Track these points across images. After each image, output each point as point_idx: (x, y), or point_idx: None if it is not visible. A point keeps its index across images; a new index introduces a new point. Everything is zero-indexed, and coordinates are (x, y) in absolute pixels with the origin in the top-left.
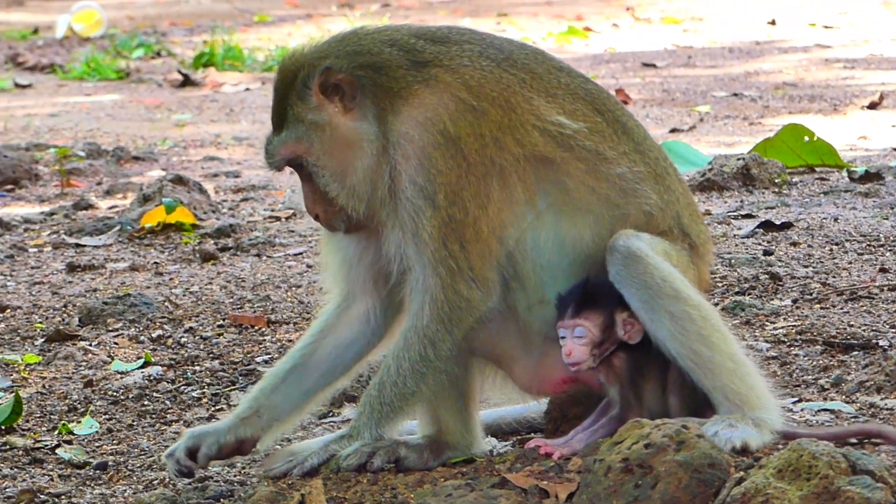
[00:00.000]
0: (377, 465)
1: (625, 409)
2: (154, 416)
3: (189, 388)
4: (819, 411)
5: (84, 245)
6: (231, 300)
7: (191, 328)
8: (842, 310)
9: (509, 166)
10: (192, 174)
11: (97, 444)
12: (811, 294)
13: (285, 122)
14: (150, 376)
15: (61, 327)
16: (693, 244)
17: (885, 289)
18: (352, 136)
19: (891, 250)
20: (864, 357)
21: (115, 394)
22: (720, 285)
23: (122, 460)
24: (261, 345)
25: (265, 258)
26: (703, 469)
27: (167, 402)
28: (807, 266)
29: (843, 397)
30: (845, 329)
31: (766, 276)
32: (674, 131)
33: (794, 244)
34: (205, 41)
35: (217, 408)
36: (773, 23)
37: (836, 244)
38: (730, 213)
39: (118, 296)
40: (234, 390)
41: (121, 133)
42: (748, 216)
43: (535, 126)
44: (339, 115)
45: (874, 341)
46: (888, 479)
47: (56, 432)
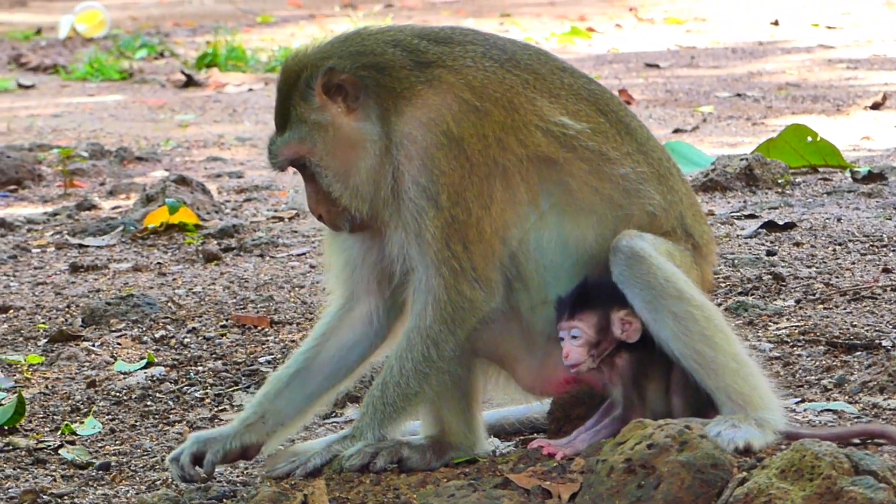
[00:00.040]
0: (380, 466)
1: (628, 409)
2: (157, 416)
3: (192, 389)
4: (822, 412)
5: (87, 245)
6: (234, 300)
7: (194, 328)
8: (845, 310)
9: (512, 167)
10: (196, 175)
11: (100, 445)
12: (814, 294)
13: (288, 122)
14: (153, 377)
15: (64, 328)
16: (696, 244)
17: (888, 289)
18: (355, 136)
19: (894, 250)
20: (867, 357)
21: (117, 394)
22: (723, 285)
23: (124, 461)
24: (264, 345)
25: (268, 258)
26: (706, 469)
27: (170, 403)
28: (810, 266)
29: (846, 398)
30: (848, 329)
31: (770, 277)
32: (677, 132)
33: (798, 244)
34: (208, 42)
35: (220, 408)
36: (776, 23)
37: (840, 244)
38: (733, 214)
39: (121, 296)
40: (237, 391)
41: (124, 133)
42: (751, 216)
43: (539, 126)
44: (342, 116)
45: (877, 342)
46: (891, 480)
47: (59, 433)
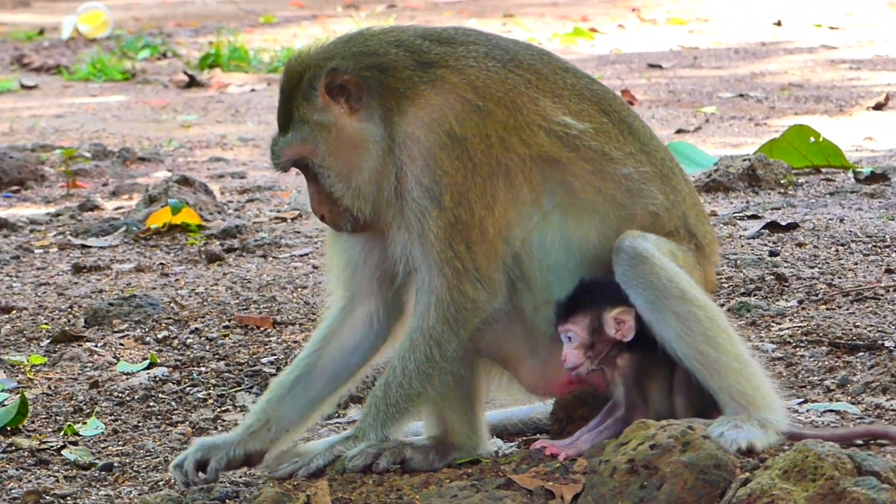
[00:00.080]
0: (383, 466)
1: (630, 410)
2: (160, 417)
3: (195, 389)
4: (824, 412)
5: (90, 246)
6: (237, 301)
7: (196, 329)
8: (847, 311)
9: (515, 167)
10: (198, 175)
11: (103, 446)
12: (817, 295)
13: (291, 122)
14: (155, 377)
15: (67, 328)
16: (699, 245)
17: (891, 290)
18: (357, 136)
19: None
20: (870, 358)
21: (120, 395)
22: (726, 286)
23: (127, 461)
24: (266, 346)
25: (271, 259)
26: (709, 470)
27: (173, 403)
28: (812, 267)
29: (849, 398)
30: (851, 330)
31: (772, 277)
32: (679, 132)
33: (800, 245)
34: (210, 42)
35: (223, 409)
36: (778, 24)
37: (842, 245)
38: (735, 214)
39: (124, 297)
40: (239, 391)
41: (126, 134)
42: (754, 217)
43: (541, 126)
44: (344, 116)
45: (880, 342)
46: (894, 480)
47: (61, 433)
